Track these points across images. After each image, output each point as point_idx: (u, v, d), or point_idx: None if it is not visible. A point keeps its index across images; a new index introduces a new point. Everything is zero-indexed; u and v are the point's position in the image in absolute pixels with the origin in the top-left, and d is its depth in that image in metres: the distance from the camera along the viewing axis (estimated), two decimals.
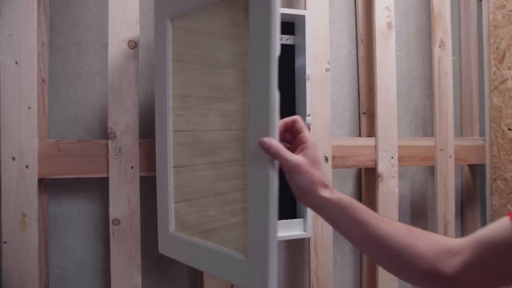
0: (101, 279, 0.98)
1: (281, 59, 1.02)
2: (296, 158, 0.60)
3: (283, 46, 1.02)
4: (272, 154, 0.59)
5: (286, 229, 1.00)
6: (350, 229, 0.61)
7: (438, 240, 0.59)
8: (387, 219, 0.61)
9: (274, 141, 0.59)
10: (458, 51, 1.45)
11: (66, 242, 0.95)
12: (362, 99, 1.23)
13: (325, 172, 0.80)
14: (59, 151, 0.86)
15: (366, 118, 1.23)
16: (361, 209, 0.61)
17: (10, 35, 0.80)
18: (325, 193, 0.60)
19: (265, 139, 0.59)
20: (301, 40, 1.00)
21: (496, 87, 1.31)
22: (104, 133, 0.97)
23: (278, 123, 0.61)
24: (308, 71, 0.98)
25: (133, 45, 0.90)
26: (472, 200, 1.45)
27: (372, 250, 0.60)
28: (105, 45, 0.97)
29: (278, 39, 0.59)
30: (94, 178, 0.93)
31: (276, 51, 0.59)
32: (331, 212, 0.61)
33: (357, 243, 0.62)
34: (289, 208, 1.03)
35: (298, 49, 1.01)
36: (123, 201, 0.88)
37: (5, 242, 0.80)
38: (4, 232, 0.81)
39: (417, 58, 1.36)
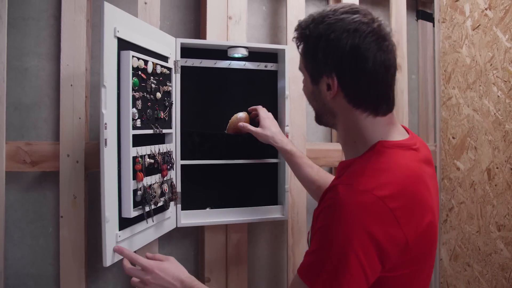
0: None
1: (266, 81, 1.33)
2: (255, 128, 1.16)
3: (268, 72, 1.32)
4: (245, 130, 1.15)
5: (268, 213, 1.30)
6: (293, 168, 1.13)
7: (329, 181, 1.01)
8: (310, 163, 1.11)
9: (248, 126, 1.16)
10: (417, 70, 1.75)
11: (100, 220, 1.24)
12: None
13: (279, 130, 1.18)
14: (99, 150, 1.15)
15: None
16: (298, 155, 1.12)
17: (68, 65, 1.11)
18: (276, 143, 1.13)
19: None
20: (282, 67, 1.29)
21: (444, 103, 1.61)
22: None
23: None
24: (287, 92, 1.28)
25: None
26: None
27: (303, 182, 1.13)
28: None
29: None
30: None
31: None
32: (283, 155, 1.14)
33: (297, 176, 1.13)
34: (270, 197, 1.33)
35: (280, 74, 1.31)
36: None
37: (61, 217, 1.11)
38: (61, 209, 1.11)
39: None
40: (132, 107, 0.97)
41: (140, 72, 1.01)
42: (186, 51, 1.21)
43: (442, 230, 1.59)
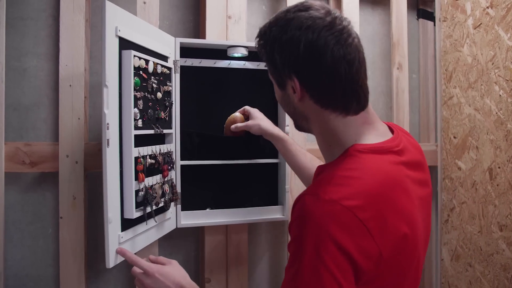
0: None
1: (266, 81, 1.32)
2: (245, 122, 1.16)
3: (267, 71, 1.30)
4: (239, 129, 1.15)
5: (268, 214, 1.29)
6: (286, 156, 1.11)
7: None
8: (303, 151, 1.11)
9: (239, 125, 1.16)
10: (418, 70, 1.75)
11: (100, 220, 1.24)
12: None
13: (268, 121, 1.17)
14: (99, 150, 1.15)
15: None
16: (290, 142, 1.11)
17: (66, 65, 1.10)
18: (268, 130, 1.12)
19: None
20: None
21: (445, 102, 1.60)
22: None
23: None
24: None
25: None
26: None
27: (296, 169, 1.11)
28: None
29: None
30: None
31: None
32: (276, 144, 1.13)
33: (289, 164, 1.12)
34: (271, 197, 1.33)
35: None
36: None
37: (61, 217, 1.10)
38: (61, 210, 1.10)
39: (381, 76, 1.65)
40: (134, 107, 0.96)
41: (141, 72, 1.00)
42: (186, 51, 1.21)
43: (444, 230, 1.58)
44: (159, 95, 1.08)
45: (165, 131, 1.10)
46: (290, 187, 1.31)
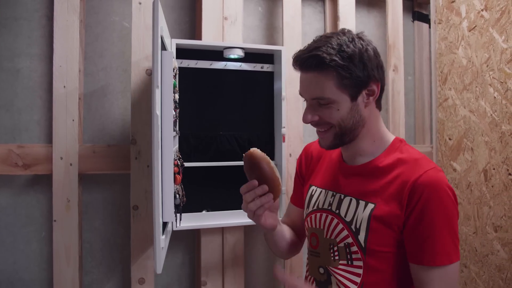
0: (120, 253, 1.25)
1: (263, 83, 1.32)
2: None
3: (265, 73, 1.30)
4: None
5: None
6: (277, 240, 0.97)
7: None
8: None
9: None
10: (413, 72, 1.75)
11: (95, 223, 1.23)
12: None
13: None
14: (93, 153, 1.14)
15: None
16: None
17: (60, 66, 1.09)
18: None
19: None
20: (279, 68, 1.28)
21: (440, 104, 1.61)
22: (125, 139, 1.25)
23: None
24: (283, 93, 1.27)
25: (150, 72, 1.18)
26: None
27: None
28: (126, 70, 1.26)
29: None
30: (117, 173, 1.21)
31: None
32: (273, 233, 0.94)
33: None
34: None
35: (276, 75, 1.30)
36: (141, 191, 1.16)
37: (55, 220, 1.08)
38: (54, 212, 1.09)
39: None
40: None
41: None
42: (182, 52, 1.20)
43: None
44: (177, 96, 1.07)
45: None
46: (286, 189, 1.30)
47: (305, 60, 0.76)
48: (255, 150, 0.79)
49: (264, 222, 0.84)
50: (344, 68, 0.74)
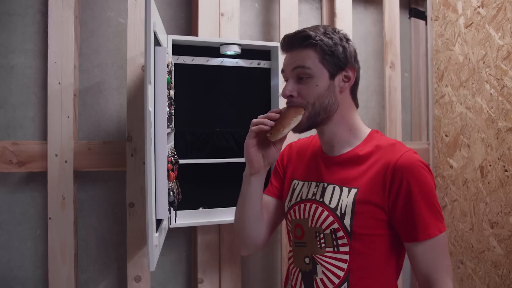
0: (116, 250, 1.24)
1: (259, 79, 1.31)
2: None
3: (261, 69, 1.30)
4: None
5: None
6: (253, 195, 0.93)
7: None
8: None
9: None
10: (409, 68, 1.75)
11: (90, 221, 1.22)
12: None
13: None
14: (89, 150, 1.13)
15: None
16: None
17: (55, 62, 1.07)
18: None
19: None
20: (275, 64, 1.28)
21: (437, 101, 1.61)
22: (120, 136, 1.24)
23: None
24: (280, 90, 1.26)
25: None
26: None
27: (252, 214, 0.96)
28: (122, 67, 1.24)
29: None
30: (112, 171, 1.20)
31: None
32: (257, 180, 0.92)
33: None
34: None
35: (273, 72, 1.29)
36: (137, 189, 1.15)
37: (50, 218, 1.07)
38: (49, 210, 1.08)
39: (373, 75, 1.66)
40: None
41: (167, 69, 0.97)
42: (178, 48, 1.19)
43: None
44: (172, 92, 1.06)
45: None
46: None
47: (293, 37, 0.83)
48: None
49: (251, 141, 0.84)
50: (326, 44, 0.82)
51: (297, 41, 0.83)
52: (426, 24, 1.70)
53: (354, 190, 0.82)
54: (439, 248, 0.79)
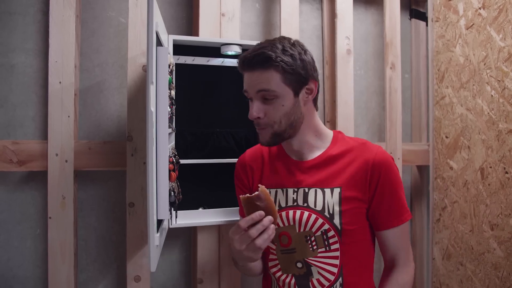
0: (116, 250, 1.24)
1: None
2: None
3: None
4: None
5: None
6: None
7: None
8: None
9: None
10: (410, 69, 1.75)
11: (90, 220, 1.22)
12: (327, 110, 1.52)
13: None
14: (89, 149, 1.13)
15: (329, 125, 1.51)
16: None
17: (56, 61, 1.07)
18: None
19: None
20: None
21: (437, 102, 1.61)
22: (121, 135, 1.24)
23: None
24: None
25: (146, 69, 1.16)
26: (419, 196, 1.74)
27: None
28: (122, 66, 1.24)
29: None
30: (113, 170, 1.20)
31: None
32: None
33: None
34: None
35: None
36: (137, 188, 1.15)
37: (50, 217, 1.07)
38: (49, 209, 1.08)
39: (373, 76, 1.66)
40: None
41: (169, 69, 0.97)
42: (178, 48, 1.19)
43: (435, 229, 1.59)
44: (173, 93, 1.06)
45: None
46: None
47: (252, 58, 0.83)
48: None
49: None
50: (288, 64, 0.82)
51: (257, 63, 0.82)
52: (427, 25, 1.69)
53: (337, 190, 0.86)
54: (406, 232, 0.90)
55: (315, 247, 0.86)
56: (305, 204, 0.87)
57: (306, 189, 0.88)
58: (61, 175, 1.08)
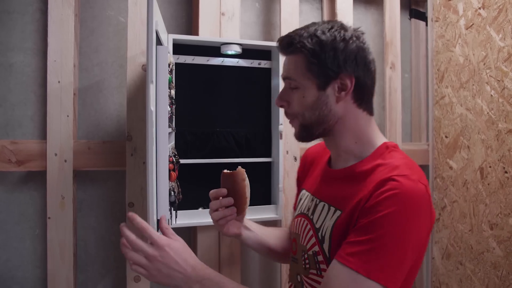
0: (115, 251, 1.24)
1: (260, 79, 1.31)
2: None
3: (262, 69, 1.29)
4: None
5: (261, 213, 1.28)
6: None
7: None
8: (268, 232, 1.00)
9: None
10: (409, 69, 1.75)
11: (89, 221, 1.21)
12: None
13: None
14: (88, 149, 1.12)
15: None
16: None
17: (55, 61, 1.07)
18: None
19: None
20: (276, 64, 1.27)
21: (437, 102, 1.61)
22: (120, 135, 1.23)
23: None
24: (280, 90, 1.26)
25: (146, 68, 1.16)
26: None
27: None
28: (122, 66, 1.24)
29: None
30: (112, 170, 1.20)
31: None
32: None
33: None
34: (264, 196, 1.31)
35: (274, 72, 1.29)
36: (137, 188, 1.15)
37: (49, 218, 1.07)
38: (48, 210, 1.07)
39: None
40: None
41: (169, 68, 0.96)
42: (178, 48, 1.18)
43: (435, 228, 1.59)
44: (173, 92, 1.05)
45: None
46: (283, 186, 1.30)
47: (281, 41, 0.77)
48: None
49: (227, 231, 0.90)
50: (312, 52, 0.72)
51: (283, 47, 0.76)
52: (427, 25, 1.69)
53: (337, 213, 0.72)
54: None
55: (307, 266, 0.77)
56: (311, 217, 0.79)
57: (318, 201, 0.79)
58: (60, 175, 1.07)
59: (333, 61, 0.72)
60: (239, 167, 0.86)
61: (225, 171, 0.87)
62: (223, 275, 0.73)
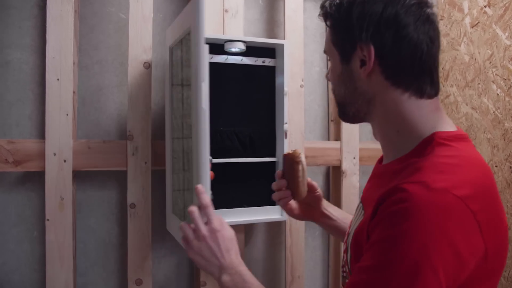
0: (116, 253, 1.21)
1: (264, 77, 1.28)
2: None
3: (266, 67, 1.27)
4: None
5: (265, 214, 1.25)
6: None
7: None
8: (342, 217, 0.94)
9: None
10: None
11: (89, 222, 1.18)
12: (331, 109, 1.49)
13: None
14: (88, 148, 1.09)
15: (334, 125, 1.49)
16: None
17: (54, 58, 1.03)
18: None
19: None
20: (281, 62, 1.25)
21: (442, 101, 1.59)
22: (121, 135, 1.20)
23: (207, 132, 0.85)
24: (286, 88, 1.23)
25: (147, 66, 1.13)
26: None
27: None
28: (122, 64, 1.21)
29: (204, 73, 0.84)
30: (112, 170, 1.17)
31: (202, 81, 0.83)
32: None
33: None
34: (268, 197, 1.28)
35: (278, 70, 1.27)
36: (138, 189, 1.12)
37: (47, 219, 1.03)
38: (47, 211, 1.04)
39: None
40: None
41: None
42: None
43: None
44: None
45: None
46: None
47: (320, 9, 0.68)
48: (301, 153, 0.84)
49: (290, 212, 0.94)
50: (336, 20, 0.63)
51: (320, 14, 0.68)
52: None
53: (361, 217, 0.63)
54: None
55: (344, 274, 0.68)
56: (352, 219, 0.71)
57: (360, 200, 0.71)
58: (59, 175, 1.04)
59: (349, 26, 0.60)
60: (296, 149, 0.86)
61: (289, 152, 0.88)
62: (254, 277, 0.74)
